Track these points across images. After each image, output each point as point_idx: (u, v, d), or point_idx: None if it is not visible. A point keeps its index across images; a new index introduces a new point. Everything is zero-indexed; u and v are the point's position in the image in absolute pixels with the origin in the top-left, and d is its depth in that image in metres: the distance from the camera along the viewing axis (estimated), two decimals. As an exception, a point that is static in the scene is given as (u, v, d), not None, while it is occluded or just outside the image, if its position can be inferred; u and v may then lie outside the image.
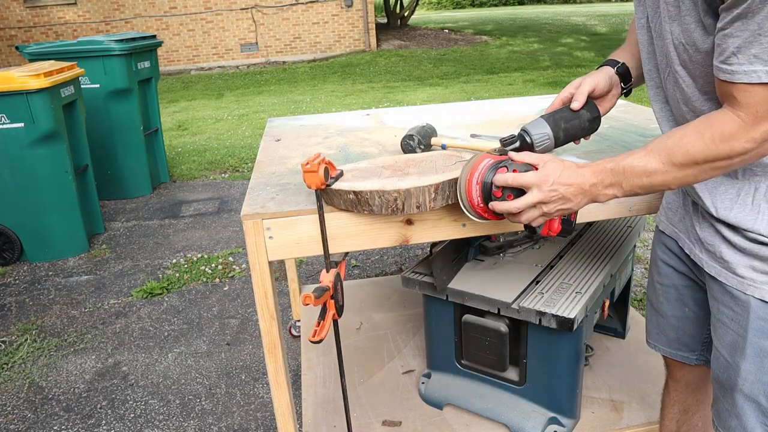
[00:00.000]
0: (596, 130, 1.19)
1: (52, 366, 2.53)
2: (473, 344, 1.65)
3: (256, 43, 12.70)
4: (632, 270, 2.03)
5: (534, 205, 0.99)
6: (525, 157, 1.03)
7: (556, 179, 0.97)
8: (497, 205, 1.02)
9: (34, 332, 2.80)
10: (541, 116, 1.15)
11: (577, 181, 0.97)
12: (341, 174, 1.20)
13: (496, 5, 37.16)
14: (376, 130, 1.85)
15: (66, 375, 2.47)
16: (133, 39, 4.35)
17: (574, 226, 1.06)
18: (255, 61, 12.67)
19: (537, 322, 1.48)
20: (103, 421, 2.18)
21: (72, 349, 2.65)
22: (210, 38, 12.57)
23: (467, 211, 1.08)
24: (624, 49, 1.29)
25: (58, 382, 2.43)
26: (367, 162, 1.31)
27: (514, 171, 1.00)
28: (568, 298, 1.50)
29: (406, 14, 16.24)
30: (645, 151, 0.93)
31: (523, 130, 1.15)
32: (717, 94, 0.89)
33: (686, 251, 1.12)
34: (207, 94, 9.93)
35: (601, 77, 1.23)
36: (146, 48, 4.49)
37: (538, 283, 1.59)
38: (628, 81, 1.26)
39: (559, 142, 1.16)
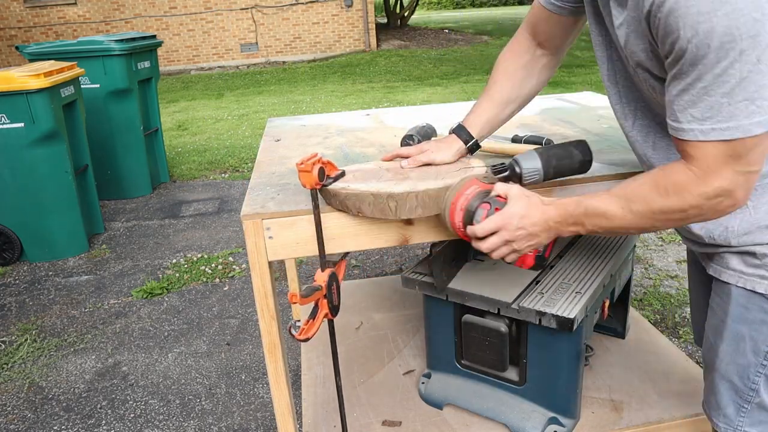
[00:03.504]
0: (586, 172, 1.19)
1: (52, 366, 2.53)
2: (473, 344, 1.65)
3: (256, 43, 12.70)
4: (632, 270, 2.03)
5: (504, 243, 1.03)
6: (500, 188, 1.06)
7: (521, 218, 1.01)
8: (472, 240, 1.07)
9: (34, 332, 2.80)
10: (535, 149, 1.16)
11: (542, 218, 1.01)
12: (342, 174, 1.19)
13: (496, 5, 37.16)
14: (376, 130, 1.85)
15: (66, 375, 2.47)
16: (133, 39, 4.35)
17: (547, 261, 1.09)
18: (255, 61, 12.67)
19: (537, 322, 1.48)
20: (103, 421, 2.18)
21: (72, 349, 2.65)
22: (210, 38, 12.57)
23: (448, 228, 1.11)
24: (480, 114, 1.28)
25: (58, 382, 2.43)
26: (373, 163, 1.31)
27: (496, 209, 1.03)
28: (568, 298, 1.50)
29: (406, 14, 16.24)
30: (608, 194, 0.96)
31: (515, 160, 1.15)
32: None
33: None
34: (207, 94, 9.93)
35: (441, 156, 1.25)
36: (146, 48, 4.49)
37: (538, 283, 1.59)
38: (475, 150, 1.30)
39: (547, 178, 1.16)
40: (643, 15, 0.83)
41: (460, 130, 1.28)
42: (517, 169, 1.14)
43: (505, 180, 1.15)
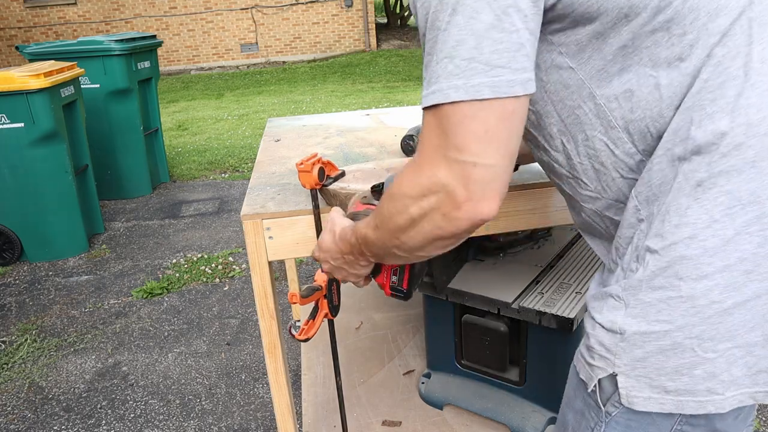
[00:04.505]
0: None
1: (52, 366, 2.53)
2: (473, 344, 1.65)
3: (256, 43, 12.70)
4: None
5: (329, 270, 0.95)
6: (330, 214, 0.97)
7: (321, 251, 0.94)
8: None
9: (34, 332, 2.80)
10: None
11: (336, 250, 0.90)
12: (342, 174, 1.19)
13: (496, 5, 37.03)
14: (376, 130, 1.85)
15: (66, 375, 2.47)
16: (133, 39, 4.35)
17: (407, 293, 0.98)
18: (255, 61, 12.67)
19: (537, 322, 1.48)
20: (103, 421, 2.18)
21: (72, 349, 2.65)
22: (210, 38, 12.57)
23: None
24: None
25: (58, 382, 2.43)
26: (374, 163, 1.31)
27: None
28: (568, 298, 1.50)
29: (406, 14, 16.23)
30: (372, 215, 0.79)
31: (388, 180, 1.04)
32: None
33: None
34: (207, 94, 9.93)
35: None
36: (146, 48, 4.49)
37: (538, 283, 1.59)
38: None
39: None
40: None
41: None
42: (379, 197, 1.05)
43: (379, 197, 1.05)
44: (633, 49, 0.67)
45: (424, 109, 0.67)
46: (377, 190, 1.01)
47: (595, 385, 0.75)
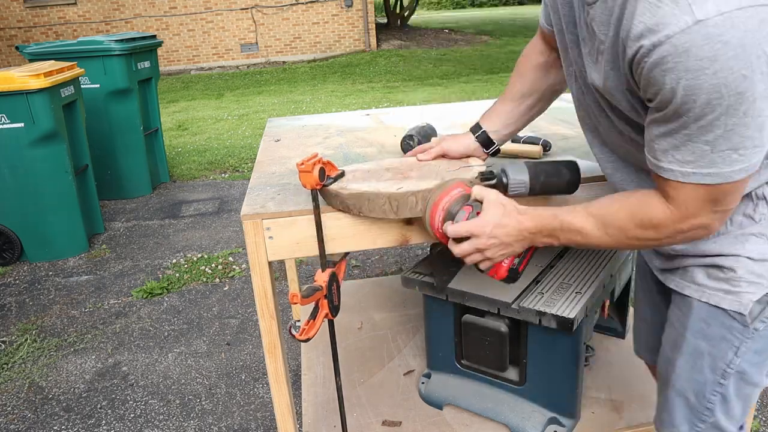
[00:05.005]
0: (572, 193, 1.17)
1: (52, 366, 2.53)
2: (473, 344, 1.65)
3: (256, 43, 12.70)
4: (632, 270, 2.03)
5: (475, 250, 1.01)
6: (476, 192, 1.04)
7: (495, 226, 0.98)
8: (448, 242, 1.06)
9: (34, 332, 2.80)
10: (526, 162, 1.14)
11: (517, 228, 0.98)
12: (342, 174, 1.19)
13: (496, 5, 37.18)
14: (376, 130, 1.85)
15: (66, 375, 2.47)
16: (133, 39, 4.35)
17: (520, 275, 1.07)
18: (255, 61, 12.67)
19: (537, 322, 1.48)
20: (103, 421, 2.18)
21: (72, 349, 2.65)
22: (210, 38, 12.57)
23: (427, 228, 1.10)
24: (495, 110, 1.30)
25: (58, 382, 2.43)
26: (373, 163, 1.31)
27: (477, 213, 1.01)
28: (568, 298, 1.50)
29: (406, 14, 16.23)
30: (586, 212, 0.94)
31: (503, 170, 1.13)
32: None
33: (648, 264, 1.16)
34: (207, 94, 9.93)
35: (456, 146, 1.28)
36: (146, 48, 4.49)
37: (538, 283, 1.59)
38: (489, 146, 1.30)
39: (533, 193, 1.13)
40: (626, 59, 0.80)
41: (474, 126, 1.30)
42: (504, 179, 1.12)
43: (492, 187, 1.11)
44: None
45: (689, 183, 0.81)
46: (488, 177, 1.13)
47: (748, 308, 0.93)
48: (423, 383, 1.80)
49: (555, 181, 1.13)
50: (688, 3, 0.70)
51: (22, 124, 3.24)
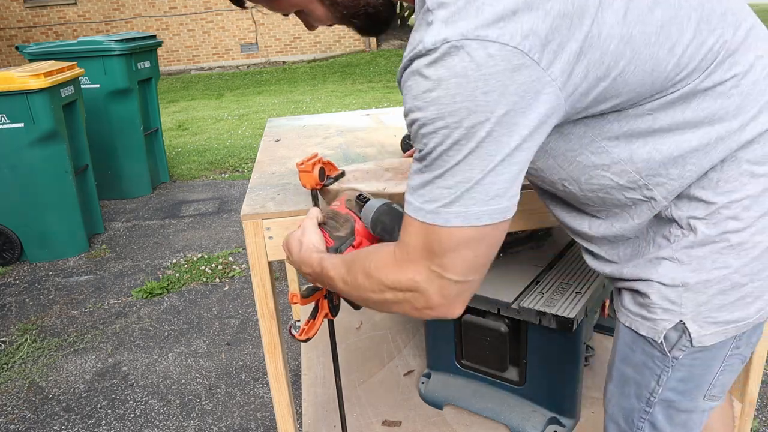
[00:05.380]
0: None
1: (52, 366, 2.53)
2: (473, 344, 1.65)
3: (256, 43, 12.70)
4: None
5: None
6: (309, 211, 1.04)
7: (290, 249, 0.99)
8: None
9: (34, 332, 2.80)
10: (383, 205, 1.01)
11: (297, 261, 0.97)
12: (342, 174, 1.19)
13: (496, 5, 37.03)
14: (376, 130, 1.85)
15: (66, 375, 2.47)
16: (133, 39, 4.35)
17: (335, 312, 1.09)
18: (255, 61, 12.68)
19: (537, 322, 1.48)
20: (103, 421, 2.18)
21: (72, 349, 2.65)
22: (210, 38, 12.57)
23: None
24: None
25: (58, 382, 2.43)
26: (373, 163, 1.31)
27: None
28: (568, 298, 1.50)
29: (406, 14, 16.23)
30: (342, 258, 0.88)
31: (368, 201, 1.04)
32: None
33: None
34: (207, 94, 9.93)
35: None
36: (146, 48, 4.49)
37: (538, 283, 1.59)
38: None
39: (374, 233, 1.03)
40: None
41: None
42: (359, 211, 1.04)
43: (361, 209, 1.05)
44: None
45: (412, 218, 0.73)
46: (361, 201, 1.03)
47: (662, 336, 0.88)
48: (423, 383, 1.80)
49: (387, 237, 1.01)
50: (428, 29, 0.67)
51: (22, 124, 3.24)
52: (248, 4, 0.92)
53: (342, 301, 1.16)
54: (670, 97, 0.75)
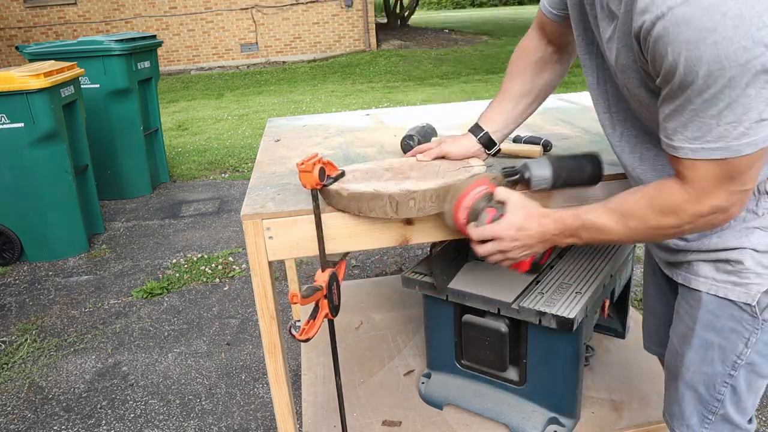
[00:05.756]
0: (595, 185, 1.19)
1: (52, 366, 2.53)
2: (473, 344, 1.65)
3: (256, 43, 12.70)
4: (632, 270, 2.03)
5: (498, 251, 1.04)
6: (500, 194, 1.06)
7: (518, 230, 1.01)
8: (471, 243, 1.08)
9: (34, 332, 2.80)
10: (547, 157, 1.16)
11: (539, 230, 1.00)
12: (342, 174, 1.19)
13: (496, 5, 37.20)
14: (376, 130, 1.85)
15: (66, 375, 2.47)
16: (133, 39, 4.35)
17: (543, 266, 1.12)
18: (255, 61, 12.67)
19: (537, 322, 1.48)
20: (103, 421, 2.18)
21: (72, 349, 2.65)
22: (210, 38, 12.56)
23: (448, 223, 1.11)
24: (494, 110, 1.31)
25: (58, 382, 2.43)
26: (373, 163, 1.31)
27: (501, 216, 1.03)
28: (568, 298, 1.50)
29: (406, 14, 16.23)
30: (605, 208, 0.95)
31: (525, 166, 1.16)
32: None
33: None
34: (207, 94, 9.93)
35: (457, 148, 1.28)
36: (146, 48, 4.49)
37: (538, 283, 1.59)
38: (491, 146, 1.31)
39: (555, 187, 1.16)
40: (633, 34, 0.82)
41: (474, 127, 1.31)
42: (527, 175, 1.14)
43: (514, 183, 1.15)
44: None
45: (700, 160, 0.81)
46: (511, 173, 1.15)
47: (756, 300, 0.94)
48: (423, 383, 1.80)
49: (577, 175, 1.15)
50: None
51: (22, 124, 3.24)
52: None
53: (342, 301, 1.16)
54: None
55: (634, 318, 2.14)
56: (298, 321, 1.11)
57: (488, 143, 1.30)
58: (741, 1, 0.69)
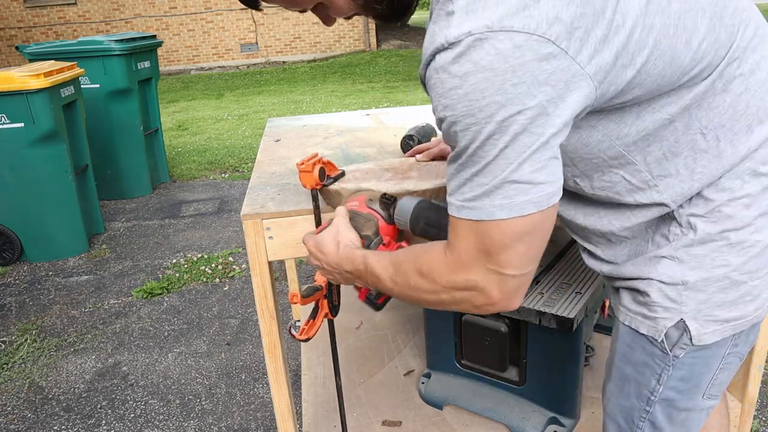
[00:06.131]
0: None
1: (52, 366, 2.54)
2: (473, 344, 1.65)
3: (256, 43, 12.70)
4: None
5: (314, 263, 1.01)
6: (337, 211, 1.03)
7: (319, 250, 0.98)
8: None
9: (34, 332, 2.80)
10: (419, 201, 1.01)
11: (335, 260, 0.95)
12: (342, 174, 1.19)
13: (496, 5, 37.03)
14: (376, 130, 1.85)
15: (66, 375, 2.47)
16: (133, 39, 4.35)
17: (381, 306, 1.05)
18: (255, 61, 12.68)
19: (537, 322, 1.48)
20: (103, 421, 2.18)
21: (72, 349, 2.65)
22: (210, 38, 12.57)
23: None
24: None
25: (58, 382, 2.43)
26: (373, 163, 1.31)
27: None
28: (568, 298, 1.50)
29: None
30: (389, 257, 0.87)
31: (396, 201, 1.05)
32: None
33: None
34: (207, 94, 9.93)
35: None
36: (146, 48, 4.49)
37: (538, 283, 1.59)
38: None
39: (414, 234, 1.03)
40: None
41: None
42: (392, 209, 1.05)
43: (387, 209, 1.05)
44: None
45: (461, 220, 0.72)
46: (386, 201, 1.03)
47: (663, 335, 0.87)
48: (423, 383, 1.80)
49: (433, 232, 1.01)
50: (449, 21, 0.67)
51: (22, 124, 3.24)
52: (260, 5, 0.89)
53: (342, 301, 1.16)
54: (685, 93, 0.75)
55: (634, 318, 2.14)
56: (298, 321, 1.11)
57: None
58: (494, 51, 0.63)
